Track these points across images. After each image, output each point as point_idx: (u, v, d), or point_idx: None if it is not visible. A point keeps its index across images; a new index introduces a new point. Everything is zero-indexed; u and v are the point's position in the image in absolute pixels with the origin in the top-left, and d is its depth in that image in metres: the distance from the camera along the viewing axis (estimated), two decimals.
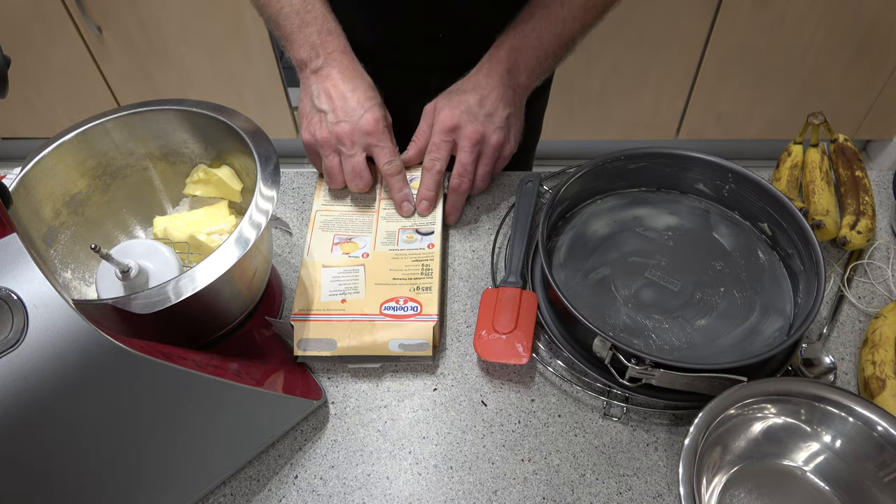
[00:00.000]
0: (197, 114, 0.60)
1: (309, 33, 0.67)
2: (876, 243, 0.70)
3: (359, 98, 0.66)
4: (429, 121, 0.71)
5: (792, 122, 1.77)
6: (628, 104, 1.75)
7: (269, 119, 1.81)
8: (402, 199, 0.69)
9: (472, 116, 0.67)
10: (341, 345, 0.59)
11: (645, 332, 0.60)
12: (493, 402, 0.59)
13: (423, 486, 0.55)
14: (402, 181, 0.69)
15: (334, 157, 0.68)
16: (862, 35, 1.56)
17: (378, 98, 0.68)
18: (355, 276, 0.64)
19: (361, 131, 0.66)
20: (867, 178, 0.72)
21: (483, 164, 0.70)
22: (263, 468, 0.56)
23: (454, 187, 0.70)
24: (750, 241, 0.66)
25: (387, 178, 0.68)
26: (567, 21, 0.68)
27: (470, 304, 0.66)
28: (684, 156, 0.68)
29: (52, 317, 0.38)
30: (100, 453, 0.44)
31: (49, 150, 0.57)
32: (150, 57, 1.65)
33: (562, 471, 0.55)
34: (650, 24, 1.56)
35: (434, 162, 0.69)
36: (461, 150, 0.68)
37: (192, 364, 0.47)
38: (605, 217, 0.69)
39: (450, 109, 0.68)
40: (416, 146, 0.71)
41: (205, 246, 0.61)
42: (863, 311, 0.65)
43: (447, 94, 0.70)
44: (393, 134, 0.70)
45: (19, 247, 0.39)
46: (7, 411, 0.37)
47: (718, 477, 0.52)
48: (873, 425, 0.50)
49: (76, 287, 0.60)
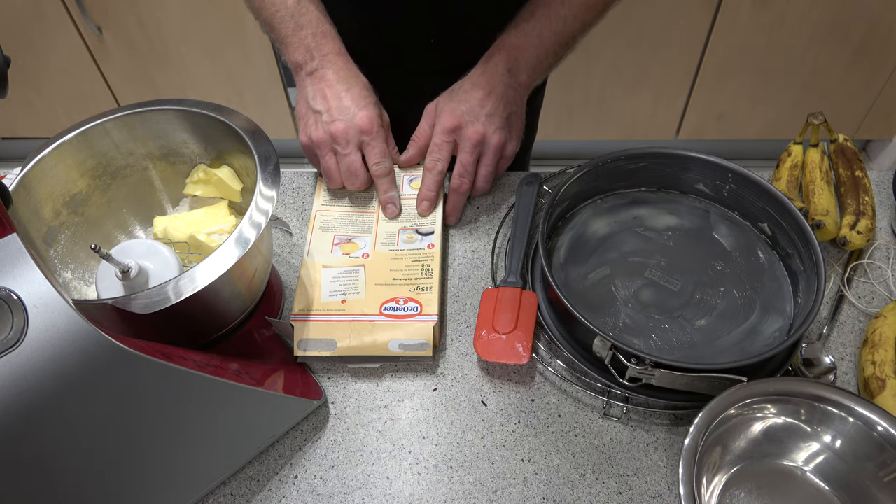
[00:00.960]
0: (197, 114, 0.60)
1: (304, 36, 0.67)
2: (876, 243, 0.70)
3: (353, 97, 0.66)
4: (430, 120, 0.70)
5: (792, 122, 1.77)
6: (628, 104, 1.75)
7: (269, 119, 1.81)
8: (388, 202, 0.68)
9: (473, 116, 0.67)
10: (341, 345, 0.59)
11: (645, 332, 0.60)
12: (493, 402, 0.59)
13: (423, 486, 0.55)
14: (389, 182, 0.68)
15: (331, 156, 0.68)
16: (862, 35, 1.56)
17: (373, 97, 0.68)
18: (355, 276, 0.64)
19: (356, 129, 0.66)
20: (867, 178, 0.72)
21: (484, 164, 0.70)
22: (263, 468, 0.56)
23: (454, 188, 0.70)
24: (750, 241, 0.66)
25: (375, 177, 0.68)
26: (568, 19, 0.68)
27: (470, 304, 0.66)
28: (684, 156, 0.68)
29: (52, 317, 0.38)
30: (100, 453, 0.44)
31: (49, 150, 0.57)
32: (150, 57, 1.65)
33: (562, 471, 0.55)
34: (650, 23, 1.55)
35: (435, 162, 0.69)
36: (462, 150, 0.68)
37: (192, 364, 0.47)
38: (605, 217, 0.69)
39: (451, 109, 0.68)
40: (417, 146, 0.71)
41: (205, 246, 0.61)
42: (863, 311, 0.65)
43: (448, 93, 0.70)
44: (390, 133, 0.70)
45: (19, 247, 0.39)
46: (7, 411, 0.37)
47: (718, 477, 0.52)
48: (873, 425, 0.50)
49: (76, 287, 0.60)
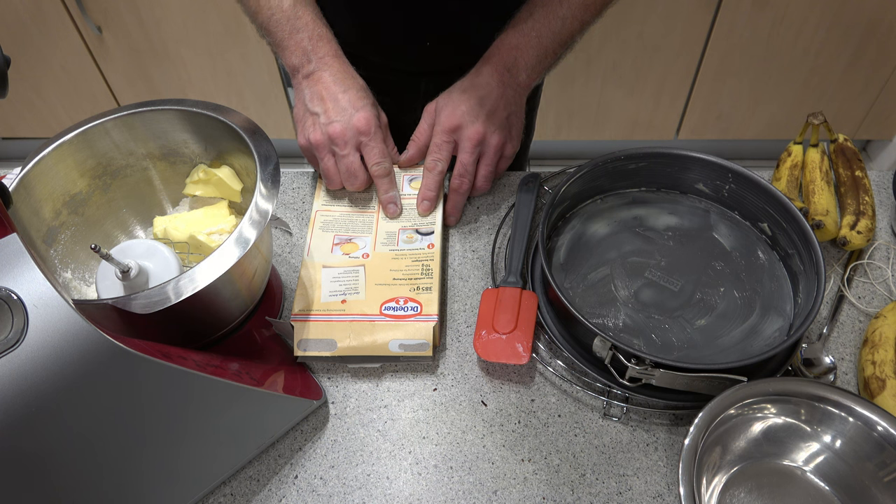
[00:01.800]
0: (197, 114, 0.60)
1: (300, 39, 0.67)
2: (876, 243, 0.70)
3: (350, 98, 0.66)
4: (429, 120, 0.70)
5: (792, 122, 1.77)
6: (628, 104, 1.75)
7: (269, 119, 1.81)
8: (388, 202, 0.69)
9: (473, 116, 0.67)
10: (341, 345, 0.59)
11: (645, 332, 0.60)
12: (493, 402, 0.59)
13: (423, 486, 0.55)
14: (389, 183, 0.69)
15: (330, 157, 0.68)
16: (862, 35, 1.56)
17: (371, 98, 0.68)
18: (355, 276, 0.64)
19: (353, 130, 0.66)
20: (867, 178, 0.72)
21: (484, 164, 0.70)
22: (263, 468, 0.56)
23: (455, 188, 0.70)
24: (750, 241, 0.66)
25: (374, 178, 0.68)
26: (566, 19, 0.68)
27: (470, 304, 0.66)
28: (684, 156, 0.68)
29: (52, 317, 0.38)
30: (100, 453, 0.44)
31: (49, 150, 0.57)
32: (150, 57, 1.65)
33: (562, 471, 0.55)
34: (650, 24, 1.55)
35: (436, 162, 0.69)
36: (462, 150, 0.68)
37: (192, 364, 0.47)
38: (605, 217, 0.69)
39: (451, 109, 0.68)
40: (416, 145, 0.71)
41: (205, 246, 0.61)
42: (863, 311, 0.65)
43: (448, 93, 0.70)
44: (389, 134, 0.70)
45: (19, 247, 0.39)
46: (7, 411, 0.37)
47: (718, 477, 0.52)
48: (873, 425, 0.50)
49: (76, 287, 0.60)
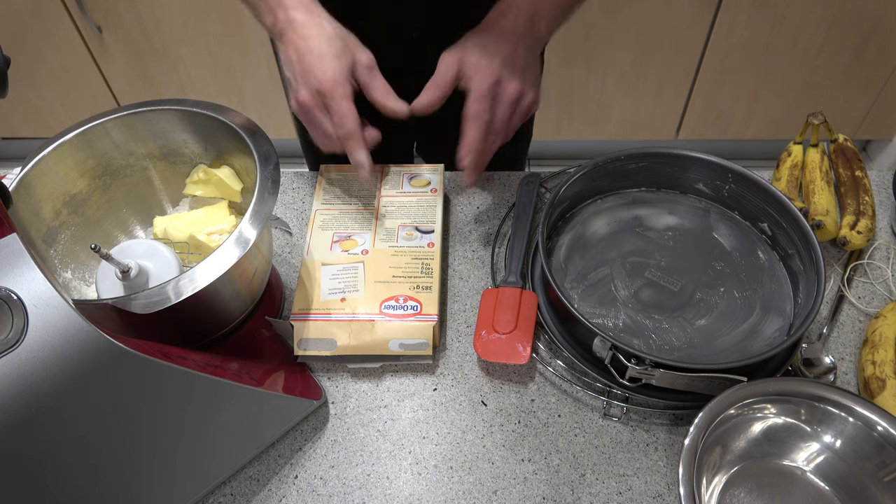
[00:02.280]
0: (197, 114, 0.60)
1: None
2: (876, 243, 0.70)
3: (315, 55, 0.61)
4: (454, 69, 0.64)
5: (792, 122, 1.77)
6: (628, 104, 1.75)
7: (269, 119, 1.81)
8: (358, 165, 0.63)
9: (510, 72, 0.62)
10: (341, 344, 0.59)
11: (645, 332, 0.60)
12: (493, 402, 0.59)
13: (423, 486, 0.55)
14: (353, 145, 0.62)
15: (310, 124, 0.64)
16: (862, 35, 1.56)
17: (335, 46, 0.61)
18: (355, 273, 0.64)
19: (315, 92, 0.61)
20: (867, 178, 0.72)
21: (515, 119, 0.65)
22: (263, 468, 0.56)
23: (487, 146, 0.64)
24: (750, 241, 0.66)
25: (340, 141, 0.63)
26: None
27: (470, 304, 0.66)
28: (684, 156, 0.68)
29: (52, 317, 0.38)
30: (100, 453, 0.44)
31: (49, 150, 0.57)
32: (150, 57, 1.65)
33: (562, 471, 0.55)
34: (650, 24, 1.55)
35: (481, 112, 0.62)
36: (499, 105, 0.63)
37: (192, 364, 0.47)
38: (605, 217, 0.69)
39: (487, 62, 0.62)
40: (436, 93, 0.64)
41: (205, 246, 0.61)
42: (863, 311, 0.65)
43: (476, 44, 0.64)
44: (376, 73, 0.64)
45: (19, 247, 0.39)
46: (7, 411, 0.37)
47: (718, 477, 0.52)
48: (873, 425, 0.50)
49: (76, 287, 0.60)
